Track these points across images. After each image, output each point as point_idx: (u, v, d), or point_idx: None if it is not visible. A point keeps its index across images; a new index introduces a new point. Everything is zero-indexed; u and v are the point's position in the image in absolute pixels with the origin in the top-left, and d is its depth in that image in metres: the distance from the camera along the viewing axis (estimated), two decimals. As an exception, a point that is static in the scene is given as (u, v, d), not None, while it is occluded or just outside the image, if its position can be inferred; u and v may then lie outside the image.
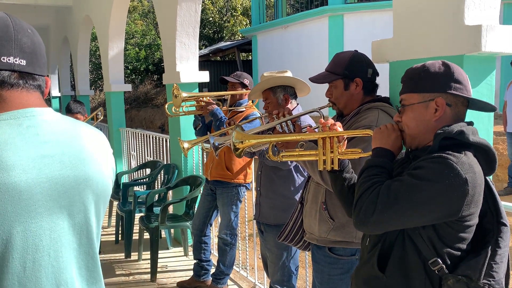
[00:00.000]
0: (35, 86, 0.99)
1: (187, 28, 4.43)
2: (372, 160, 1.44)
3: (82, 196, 0.96)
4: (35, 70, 0.98)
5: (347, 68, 1.94)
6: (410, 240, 1.33)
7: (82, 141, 0.99)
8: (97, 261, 1.02)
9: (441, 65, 1.39)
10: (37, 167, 0.89)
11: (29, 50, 0.96)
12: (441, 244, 1.29)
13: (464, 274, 1.24)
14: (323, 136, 1.56)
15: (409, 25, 1.93)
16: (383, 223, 1.30)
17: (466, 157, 1.26)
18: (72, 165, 0.95)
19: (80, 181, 0.96)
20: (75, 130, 1.00)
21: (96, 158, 1.01)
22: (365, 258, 1.47)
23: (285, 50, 11.91)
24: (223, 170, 3.36)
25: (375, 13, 10.01)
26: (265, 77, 2.68)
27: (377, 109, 1.91)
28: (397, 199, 1.27)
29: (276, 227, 2.65)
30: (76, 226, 0.96)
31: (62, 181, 0.92)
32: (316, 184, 2.02)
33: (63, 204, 0.93)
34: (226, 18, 21.88)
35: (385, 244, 1.40)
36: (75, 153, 0.96)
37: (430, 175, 1.25)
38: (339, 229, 1.92)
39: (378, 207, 1.28)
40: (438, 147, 1.31)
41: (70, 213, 0.94)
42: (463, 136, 1.30)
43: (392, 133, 1.46)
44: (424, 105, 1.38)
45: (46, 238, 0.90)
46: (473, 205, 1.25)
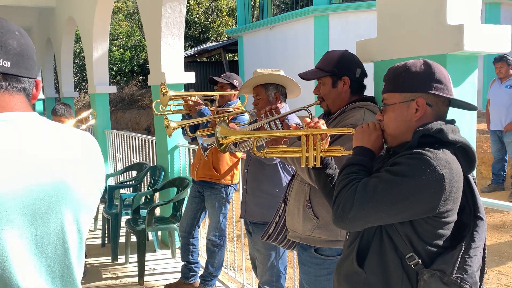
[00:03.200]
0: (19, 89, 0.97)
1: (172, 29, 4.40)
2: (351, 158, 1.45)
3: (59, 205, 0.92)
4: (21, 72, 0.96)
5: (336, 66, 1.95)
6: (388, 235, 1.35)
7: (64, 147, 0.96)
8: (73, 271, 0.98)
9: (422, 65, 1.40)
10: (12, 174, 0.86)
11: (14, 52, 0.94)
12: (418, 240, 1.30)
13: (438, 269, 1.26)
14: (306, 133, 1.58)
15: (392, 25, 1.94)
16: (361, 219, 1.31)
17: (443, 154, 1.27)
18: (51, 172, 0.91)
19: (58, 189, 0.92)
20: (58, 136, 0.97)
21: (80, 165, 0.97)
22: (344, 254, 1.49)
23: (271, 50, 11.94)
24: (210, 171, 3.35)
25: (360, 13, 10.09)
26: (258, 73, 2.67)
27: (362, 108, 1.92)
28: (374, 195, 1.28)
29: (264, 226, 2.64)
30: (50, 235, 0.92)
31: (38, 188, 0.89)
32: (300, 182, 2.02)
33: (37, 212, 0.89)
34: (212, 18, 21.84)
35: (363, 239, 1.41)
36: (54, 160, 0.93)
37: (407, 171, 1.26)
38: (324, 227, 1.93)
39: (356, 203, 1.29)
40: (417, 144, 1.32)
41: (45, 222, 0.90)
42: (442, 134, 1.31)
43: (373, 132, 1.47)
44: (405, 105, 1.39)
45: (16, 246, 0.86)
46: (451, 201, 1.26)
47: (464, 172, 1.33)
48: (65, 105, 4.08)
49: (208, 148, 2.37)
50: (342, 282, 1.45)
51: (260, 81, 2.63)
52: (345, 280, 1.43)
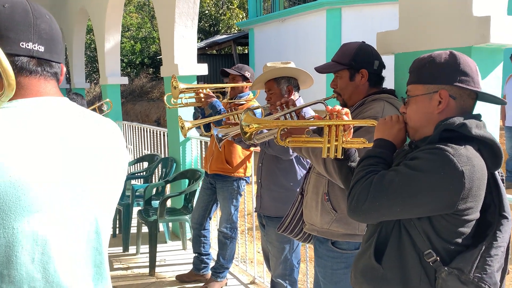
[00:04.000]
0: (52, 74, 0.96)
1: (186, 20, 4.37)
2: (371, 151, 1.42)
3: (93, 192, 0.94)
4: (53, 57, 0.95)
5: (354, 58, 1.92)
6: (406, 231, 1.32)
7: (97, 134, 0.97)
8: (105, 257, 0.99)
9: (447, 56, 1.35)
10: (50, 160, 0.86)
11: (47, 36, 0.93)
12: (437, 237, 1.27)
13: (456, 267, 1.23)
14: (329, 123, 1.56)
15: (415, 16, 1.90)
16: (375, 212, 1.28)
17: (465, 150, 1.23)
18: (86, 158, 0.93)
19: (92, 176, 0.94)
20: (90, 122, 0.98)
21: (110, 153, 0.99)
22: (362, 249, 1.47)
23: (282, 43, 11.86)
24: (222, 164, 3.34)
25: (374, 7, 9.97)
26: (268, 67, 2.65)
27: (382, 100, 1.89)
28: (389, 188, 1.26)
29: (278, 219, 2.63)
30: (84, 221, 0.93)
31: (74, 175, 0.90)
32: (317, 175, 2.00)
33: (73, 198, 0.90)
34: (222, 11, 21.75)
35: (381, 234, 1.38)
36: (89, 147, 0.94)
37: (425, 166, 1.23)
38: (342, 220, 1.91)
39: (370, 195, 1.27)
40: (438, 139, 1.29)
41: (78, 208, 0.92)
42: (465, 129, 1.27)
43: (395, 124, 1.44)
44: (428, 97, 1.35)
45: (56, 231, 0.87)
46: (471, 199, 1.22)
47: (489, 169, 1.29)
48: (77, 95, 4.08)
49: (222, 139, 2.35)
50: (358, 277, 1.43)
51: (271, 75, 2.60)
52: (361, 275, 1.41)
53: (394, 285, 1.31)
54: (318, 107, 2.21)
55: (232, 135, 2.37)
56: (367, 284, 1.39)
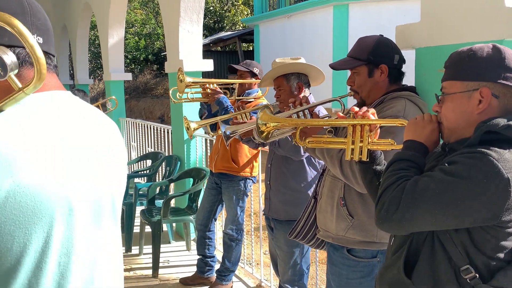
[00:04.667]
0: (53, 67, 0.90)
1: (191, 14, 4.25)
2: (401, 153, 1.28)
3: (112, 186, 0.92)
4: (50, 50, 0.89)
5: (372, 53, 1.79)
6: (440, 244, 1.18)
7: (105, 129, 0.95)
8: (121, 255, 1.00)
9: (490, 50, 1.21)
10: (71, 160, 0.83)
11: (43, 27, 0.87)
12: (476, 251, 1.14)
13: (499, 286, 1.10)
14: (353, 123, 1.43)
15: (439, 8, 1.77)
16: (407, 223, 1.15)
17: (510, 154, 1.10)
18: (99, 155, 0.90)
19: (107, 173, 0.92)
20: (96, 118, 0.95)
21: (119, 149, 0.98)
22: (389, 261, 1.33)
23: (288, 40, 11.71)
24: (228, 163, 3.22)
25: (381, 3, 9.80)
26: (277, 63, 2.52)
27: (403, 98, 1.75)
28: (423, 196, 1.12)
29: (287, 223, 2.51)
30: (110, 217, 0.92)
31: (92, 173, 0.87)
32: (332, 177, 1.88)
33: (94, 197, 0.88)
34: (227, 7, 21.59)
35: (411, 246, 1.25)
36: (102, 143, 0.92)
37: (465, 172, 1.09)
38: (359, 227, 1.78)
39: (402, 204, 1.14)
40: (479, 141, 1.16)
41: (101, 207, 0.90)
42: (510, 131, 1.14)
43: (428, 125, 1.30)
44: (467, 95, 1.21)
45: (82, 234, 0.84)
46: None
47: None
48: (80, 91, 3.98)
49: (230, 136, 2.23)
50: None
51: (280, 72, 2.48)
52: None
53: None
54: (327, 106, 2.09)
55: (240, 132, 2.25)
56: None
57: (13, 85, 0.75)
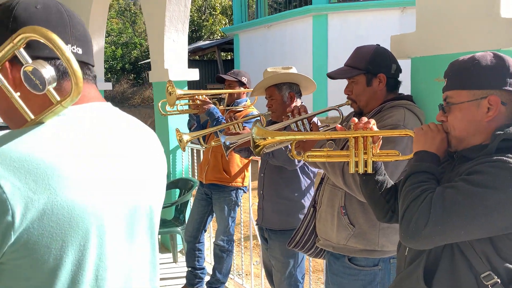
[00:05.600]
0: (92, 77, 0.89)
1: (176, 23, 4.23)
2: (417, 165, 1.28)
3: (150, 198, 0.92)
4: (90, 60, 0.88)
5: (370, 62, 1.80)
6: (460, 252, 1.19)
7: (146, 139, 0.95)
8: (157, 270, 0.99)
9: (493, 58, 1.24)
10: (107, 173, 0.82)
11: (83, 38, 0.86)
12: (497, 258, 1.15)
13: None
14: (356, 135, 1.41)
15: (434, 19, 1.80)
16: (437, 237, 1.15)
17: None
18: (138, 168, 0.89)
19: (145, 186, 0.90)
20: (136, 129, 0.94)
21: (159, 161, 0.97)
22: (406, 271, 1.32)
23: (269, 49, 11.78)
24: (220, 173, 3.18)
25: (360, 13, 9.98)
26: (269, 73, 2.52)
27: (402, 107, 1.77)
28: (453, 209, 1.12)
29: (282, 232, 2.50)
30: (142, 234, 0.91)
31: (130, 186, 0.86)
32: (332, 186, 1.87)
33: (131, 209, 0.87)
34: (205, 17, 21.62)
35: (430, 256, 1.25)
36: (142, 155, 0.92)
37: (491, 182, 1.10)
38: (360, 236, 1.78)
39: (432, 218, 1.13)
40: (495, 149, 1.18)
41: (138, 220, 0.89)
42: None
43: (437, 135, 1.31)
44: (475, 104, 1.23)
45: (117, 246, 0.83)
46: None
47: None
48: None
49: (230, 147, 2.21)
50: None
51: (272, 81, 2.48)
52: None
53: None
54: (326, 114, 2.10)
55: (241, 142, 2.23)
56: None
57: (52, 98, 0.75)
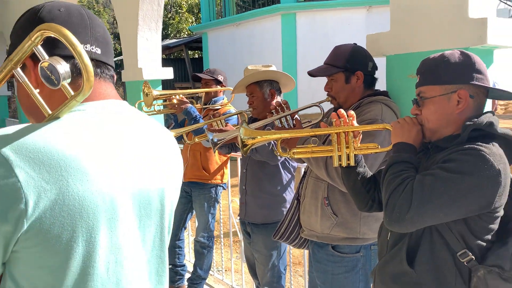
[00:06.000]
0: (110, 76, 0.93)
1: (150, 22, 4.22)
2: (397, 156, 1.39)
3: (160, 196, 0.92)
4: (109, 61, 0.92)
5: (349, 61, 1.90)
6: (438, 233, 1.30)
7: (157, 138, 0.95)
8: (166, 264, 0.97)
9: (460, 55, 1.36)
10: (123, 166, 0.84)
11: (102, 39, 0.91)
12: (471, 236, 1.27)
13: (495, 265, 1.23)
14: (338, 131, 1.50)
15: (407, 19, 1.91)
16: (419, 220, 1.25)
17: (496, 148, 1.25)
18: (149, 164, 0.90)
19: (158, 181, 0.91)
20: (150, 126, 0.95)
21: (174, 159, 0.98)
22: (390, 254, 1.43)
23: (238, 47, 11.82)
24: (199, 171, 3.23)
25: (327, 12, 10.18)
26: (250, 70, 2.59)
27: (379, 102, 1.88)
28: (432, 194, 1.23)
29: (264, 226, 2.58)
30: (151, 227, 0.91)
31: (142, 180, 0.87)
32: (315, 179, 1.96)
33: (143, 205, 0.88)
34: (171, 15, 21.39)
35: (411, 238, 1.36)
36: (150, 151, 0.92)
37: (465, 168, 1.22)
38: (343, 225, 1.88)
39: (414, 203, 1.24)
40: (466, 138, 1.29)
41: (148, 214, 0.89)
42: (492, 128, 1.29)
43: (413, 127, 1.42)
44: (446, 98, 1.35)
45: (127, 239, 0.84)
46: (504, 195, 1.25)
47: None
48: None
49: (218, 143, 2.25)
50: (389, 284, 1.39)
51: (253, 79, 2.55)
52: (392, 281, 1.38)
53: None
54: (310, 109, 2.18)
55: (228, 139, 2.28)
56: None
57: (66, 93, 0.78)
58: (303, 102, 9.21)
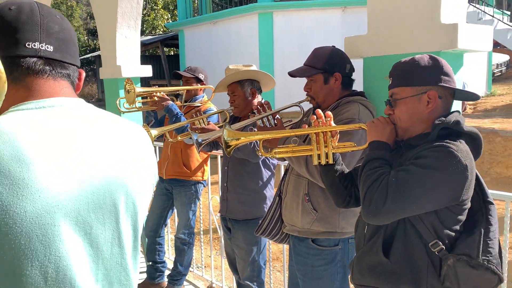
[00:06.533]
0: (64, 75, 0.90)
1: (129, 20, 4.21)
2: (372, 153, 1.48)
3: (114, 201, 0.85)
4: (65, 58, 0.90)
5: (327, 63, 1.98)
6: (411, 225, 1.40)
7: (118, 139, 0.89)
8: (129, 273, 0.90)
9: (429, 59, 1.47)
10: (66, 168, 0.78)
11: (57, 36, 0.89)
12: (441, 227, 1.37)
13: (463, 253, 1.33)
14: (317, 131, 1.57)
15: (383, 23, 2.01)
16: (394, 213, 1.34)
17: (462, 145, 1.36)
18: (103, 163, 0.84)
19: (112, 183, 0.85)
20: (112, 126, 0.90)
21: (135, 156, 0.91)
22: (367, 246, 1.51)
23: (214, 46, 11.82)
24: (180, 168, 3.26)
25: (303, 12, 10.30)
26: (231, 70, 2.64)
27: (356, 102, 1.97)
28: (405, 188, 1.32)
29: (245, 222, 2.64)
30: (106, 233, 0.84)
31: (92, 183, 0.81)
32: (296, 176, 2.03)
33: (92, 208, 0.81)
34: (146, 11, 21.15)
35: (386, 231, 1.45)
36: (107, 150, 0.86)
37: (435, 164, 1.31)
38: (323, 219, 1.96)
39: (389, 197, 1.32)
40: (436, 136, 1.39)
41: (99, 219, 0.83)
42: (458, 126, 1.39)
43: (386, 126, 1.51)
44: (417, 98, 1.45)
45: (72, 248, 0.78)
46: (470, 189, 1.36)
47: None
48: None
49: (202, 143, 2.30)
50: (366, 274, 1.48)
51: (234, 78, 2.61)
52: (369, 271, 1.46)
53: (403, 277, 1.38)
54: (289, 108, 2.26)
55: (212, 139, 2.33)
56: (376, 279, 1.44)
57: None
58: (280, 99, 9.31)
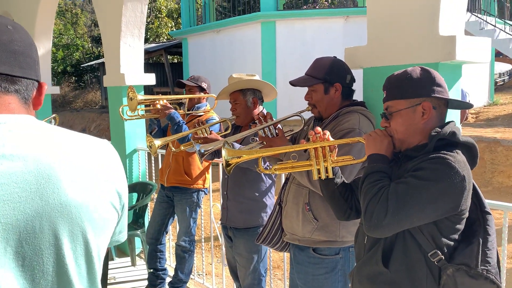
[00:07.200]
0: (13, 90, 0.84)
1: (133, 29, 4.26)
2: (372, 167, 1.49)
3: (54, 229, 0.77)
4: (13, 71, 0.83)
5: (328, 73, 2.01)
6: (410, 235, 1.41)
7: (64, 159, 0.81)
8: None
9: (421, 71, 1.49)
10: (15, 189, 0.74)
11: (4, 48, 0.83)
12: (440, 237, 1.38)
13: (462, 263, 1.34)
14: (315, 146, 1.59)
15: (383, 34, 2.04)
16: (395, 226, 1.36)
17: (460, 156, 1.38)
18: (41, 189, 0.76)
19: (52, 210, 0.77)
20: (57, 145, 0.82)
21: (86, 180, 0.83)
22: (366, 256, 1.53)
23: (217, 54, 11.90)
24: (181, 176, 3.28)
25: (306, 21, 10.38)
26: (234, 78, 2.67)
27: (356, 112, 1.99)
28: (406, 201, 1.34)
29: (245, 230, 2.65)
30: (43, 264, 0.77)
31: (23, 211, 0.74)
32: (297, 185, 2.05)
33: (24, 237, 0.74)
34: (150, 19, 21.32)
35: (386, 241, 1.46)
36: (47, 174, 0.78)
37: (433, 175, 1.33)
38: (323, 228, 1.97)
39: (390, 211, 1.34)
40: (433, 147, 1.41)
41: (35, 248, 0.76)
42: (455, 137, 1.41)
43: (384, 139, 1.53)
44: (412, 110, 1.47)
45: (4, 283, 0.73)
46: (468, 198, 1.37)
47: None
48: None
49: (205, 154, 2.33)
50: (365, 283, 1.49)
51: (237, 87, 2.64)
52: (369, 281, 1.48)
53: (403, 287, 1.39)
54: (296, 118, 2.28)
55: (215, 149, 2.36)
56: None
57: None
58: (282, 107, 9.36)
